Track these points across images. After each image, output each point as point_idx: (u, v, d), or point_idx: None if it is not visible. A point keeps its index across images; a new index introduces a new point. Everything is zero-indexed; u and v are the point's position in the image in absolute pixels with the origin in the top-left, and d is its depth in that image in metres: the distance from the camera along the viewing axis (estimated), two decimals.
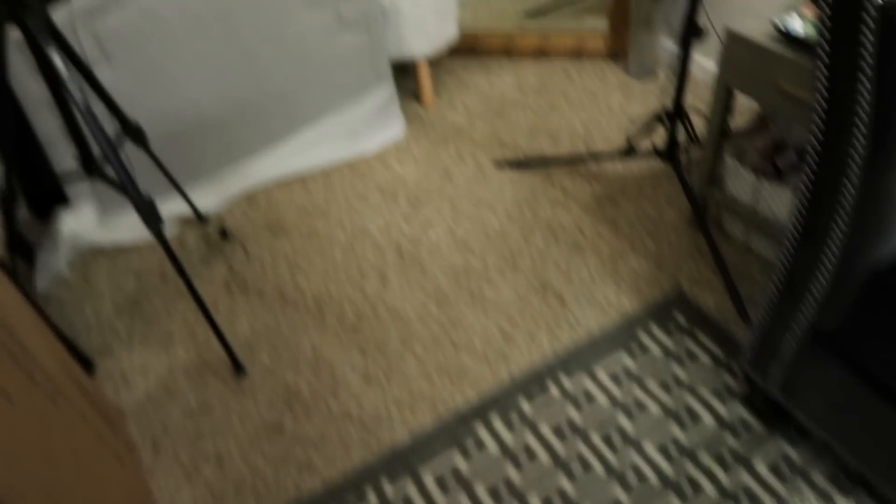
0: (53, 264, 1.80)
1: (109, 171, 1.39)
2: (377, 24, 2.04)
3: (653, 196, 1.92)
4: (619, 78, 2.43)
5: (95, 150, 1.41)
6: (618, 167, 2.04)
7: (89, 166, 1.41)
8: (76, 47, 1.62)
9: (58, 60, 1.22)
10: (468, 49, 2.62)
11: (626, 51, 2.46)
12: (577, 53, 2.57)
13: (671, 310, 1.60)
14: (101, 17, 1.65)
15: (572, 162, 2.05)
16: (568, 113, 2.29)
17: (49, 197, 1.88)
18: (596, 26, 2.80)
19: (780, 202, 1.57)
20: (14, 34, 1.31)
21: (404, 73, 2.51)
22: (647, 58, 2.36)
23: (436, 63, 2.56)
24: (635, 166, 2.03)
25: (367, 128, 2.17)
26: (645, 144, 2.00)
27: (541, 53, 2.60)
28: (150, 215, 1.35)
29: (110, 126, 1.77)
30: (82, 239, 1.85)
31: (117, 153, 1.31)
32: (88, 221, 1.86)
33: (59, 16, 1.59)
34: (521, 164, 2.07)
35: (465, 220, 1.90)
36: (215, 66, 1.85)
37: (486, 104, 2.37)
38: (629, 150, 1.89)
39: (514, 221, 1.88)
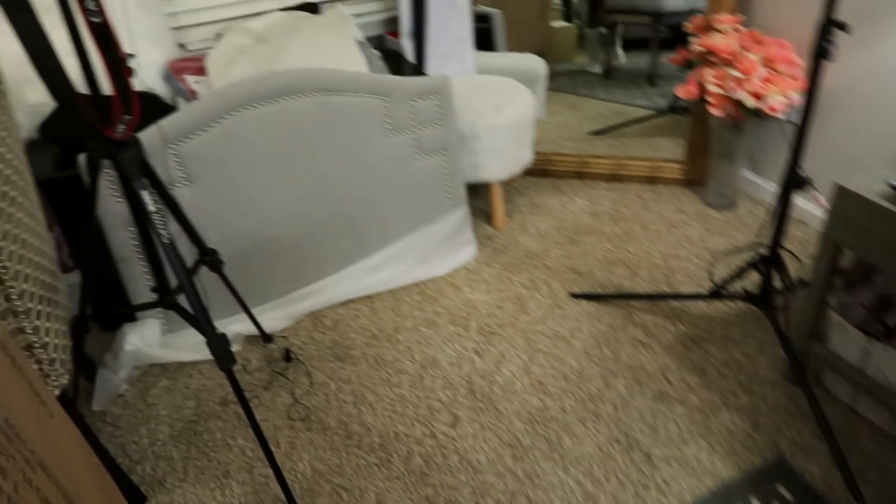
0: (113, 383, 1.75)
1: (184, 303, 1.35)
2: (455, 150, 2.02)
3: (742, 342, 1.80)
4: (697, 207, 2.36)
5: (172, 280, 1.38)
6: (702, 305, 1.93)
7: (165, 299, 1.37)
8: (161, 168, 1.63)
9: (146, 197, 1.20)
10: (540, 170, 2.60)
11: (703, 179, 2.40)
12: (652, 179, 2.51)
13: (773, 481, 1.44)
14: (188, 139, 1.66)
15: (654, 299, 1.95)
16: (645, 242, 2.21)
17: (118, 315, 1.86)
18: (664, 146, 2.77)
19: (893, 366, 1.43)
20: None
21: (475, 192, 2.48)
22: (727, 189, 2.29)
23: (507, 182, 2.53)
24: (721, 305, 1.92)
25: (438, 251, 2.12)
26: (731, 283, 1.89)
27: (614, 178, 2.55)
28: (222, 354, 1.29)
29: (187, 251, 1.76)
30: (145, 355, 1.80)
31: (195, 288, 1.26)
32: (152, 338, 1.81)
33: (148, 137, 1.60)
34: (599, 297, 1.98)
35: (541, 357, 1.80)
36: (292, 187, 1.84)
37: (560, 229, 2.31)
38: (716, 292, 1.79)
39: (594, 362, 1.77)
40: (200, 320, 1.27)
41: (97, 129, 1.13)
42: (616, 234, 2.26)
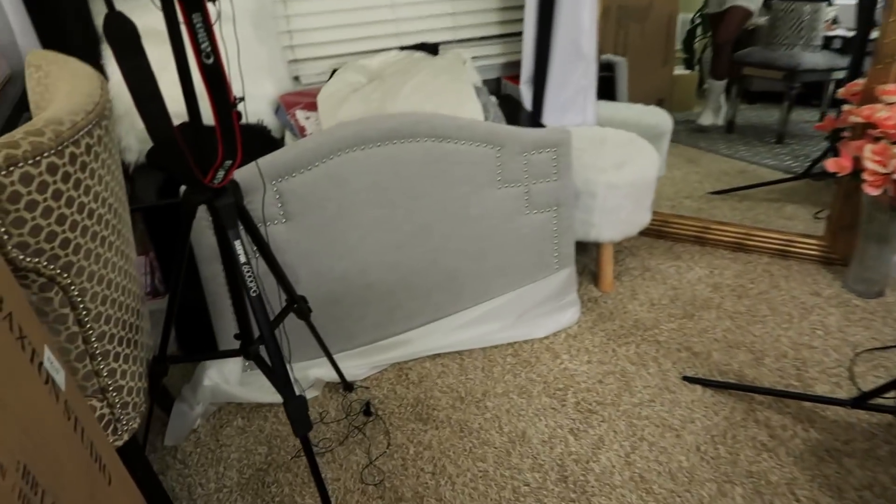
0: (189, 418, 1.69)
1: (265, 356, 1.27)
2: (568, 207, 1.87)
3: (891, 462, 1.53)
4: (836, 291, 2.09)
5: (256, 329, 1.29)
6: (840, 410, 1.67)
7: (248, 349, 1.28)
8: (261, 205, 1.57)
9: (238, 248, 1.12)
10: (656, 230, 2.40)
11: (845, 260, 2.13)
12: (784, 253, 2.26)
13: None
14: (290, 177, 1.59)
15: (781, 396, 1.71)
16: (772, 326, 1.97)
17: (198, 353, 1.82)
18: (795, 215, 2.52)
19: None
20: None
21: (582, 248, 2.32)
22: (875, 274, 2.01)
23: (618, 241, 2.35)
24: (864, 414, 1.65)
25: (538, 312, 1.96)
26: (881, 393, 1.63)
27: (739, 247, 2.32)
28: (299, 418, 1.19)
29: (273, 291, 1.69)
30: (223, 392, 1.74)
31: (278, 347, 1.17)
32: (232, 375, 1.75)
33: (252, 172, 1.55)
34: (716, 384, 1.76)
35: (645, 447, 1.60)
36: (390, 233, 1.75)
37: (674, 299, 2.10)
38: (861, 401, 1.53)
39: (707, 461, 1.55)
40: (280, 380, 1.18)
41: (195, 178, 1.06)
42: (739, 313, 2.03)
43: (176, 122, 1.16)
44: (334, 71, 2.15)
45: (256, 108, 1.92)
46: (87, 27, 1.82)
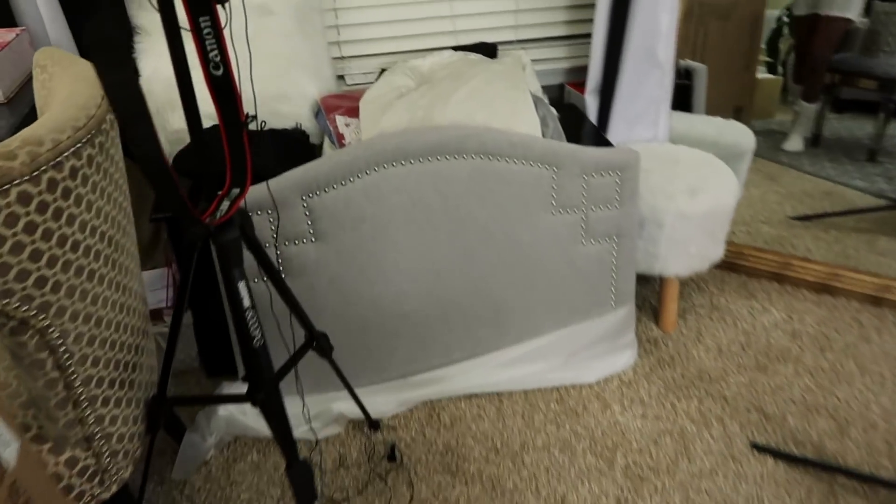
0: (201, 450, 1.56)
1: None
2: (630, 238, 1.66)
3: None
4: None
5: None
6: None
7: (255, 395, 1.13)
8: (289, 221, 1.42)
9: (242, 290, 0.97)
10: (728, 263, 2.16)
11: None
12: (877, 300, 1.99)
13: None
14: (322, 192, 1.43)
15: (870, 482, 1.47)
16: (860, 388, 1.71)
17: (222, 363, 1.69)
18: (891, 250, 2.24)
19: None
20: None
21: (644, 280, 2.10)
22: None
23: None
24: None
25: (590, 353, 1.76)
26: None
27: (823, 289, 2.05)
28: (302, 487, 1.03)
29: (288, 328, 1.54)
30: (238, 424, 1.60)
31: (283, 407, 1.02)
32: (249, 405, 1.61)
33: (280, 186, 1.41)
34: (791, 458, 1.53)
35: None
36: (429, 259, 1.57)
37: (746, 347, 1.86)
38: None
39: None
40: (284, 443, 1.02)
41: (191, 214, 0.91)
42: (821, 369, 1.78)
43: (208, 123, 1.02)
44: (382, 71, 1.98)
45: (295, 110, 1.76)
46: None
